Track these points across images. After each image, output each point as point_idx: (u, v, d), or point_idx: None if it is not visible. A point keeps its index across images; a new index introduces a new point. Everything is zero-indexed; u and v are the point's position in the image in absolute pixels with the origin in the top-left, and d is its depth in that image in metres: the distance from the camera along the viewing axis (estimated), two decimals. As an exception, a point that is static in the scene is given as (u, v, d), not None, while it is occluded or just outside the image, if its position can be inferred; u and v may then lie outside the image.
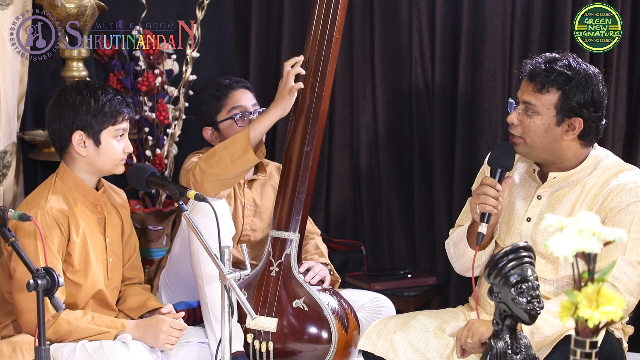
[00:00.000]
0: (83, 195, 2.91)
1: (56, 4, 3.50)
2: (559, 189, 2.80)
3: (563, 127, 2.72)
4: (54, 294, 2.31)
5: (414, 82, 4.08)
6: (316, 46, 3.19)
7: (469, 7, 3.92)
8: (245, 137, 3.09)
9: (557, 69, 2.69)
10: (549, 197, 2.81)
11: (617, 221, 2.68)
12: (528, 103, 2.73)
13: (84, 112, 2.85)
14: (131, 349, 2.81)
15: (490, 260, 2.40)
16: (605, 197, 2.72)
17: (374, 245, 4.26)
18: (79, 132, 2.86)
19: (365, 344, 2.80)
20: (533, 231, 2.80)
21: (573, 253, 1.63)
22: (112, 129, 2.88)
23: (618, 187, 2.71)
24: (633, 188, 2.71)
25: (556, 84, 2.69)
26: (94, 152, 2.88)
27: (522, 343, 2.42)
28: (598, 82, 2.73)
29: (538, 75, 2.71)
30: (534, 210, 2.82)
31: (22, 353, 2.70)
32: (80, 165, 2.91)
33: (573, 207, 2.76)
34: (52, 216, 2.80)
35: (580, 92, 2.69)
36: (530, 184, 2.89)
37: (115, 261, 3.00)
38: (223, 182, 3.14)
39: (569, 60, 2.73)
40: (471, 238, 2.85)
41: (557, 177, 2.80)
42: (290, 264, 3.18)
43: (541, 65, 2.72)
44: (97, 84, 2.93)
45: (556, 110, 2.70)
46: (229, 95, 3.49)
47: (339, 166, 4.24)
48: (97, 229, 2.94)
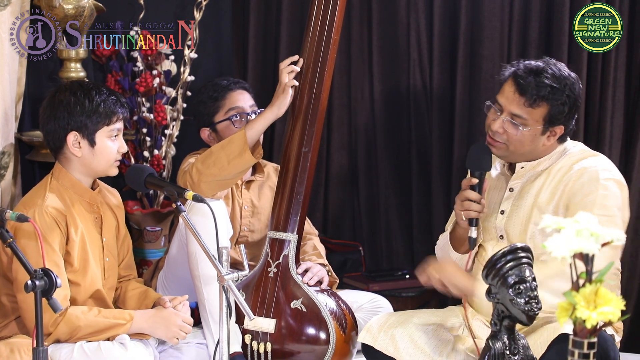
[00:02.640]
0: (79, 195, 2.91)
1: (54, 4, 3.50)
2: (529, 179, 2.85)
3: (546, 135, 2.79)
4: (52, 295, 2.31)
5: (412, 83, 4.08)
6: (314, 47, 3.19)
7: (467, 8, 3.92)
8: (242, 137, 3.09)
9: (547, 83, 2.72)
10: (520, 188, 2.84)
11: (580, 205, 2.70)
12: (517, 116, 2.75)
13: (78, 113, 2.84)
14: (129, 349, 2.81)
15: (488, 261, 2.40)
16: (568, 181, 2.77)
17: (372, 246, 4.26)
18: (73, 132, 2.85)
19: (365, 337, 2.81)
20: (506, 223, 2.84)
21: (571, 254, 1.63)
22: (107, 130, 2.87)
23: (579, 172, 2.76)
24: (594, 171, 2.75)
25: (547, 99, 2.73)
26: (89, 152, 2.88)
27: (520, 344, 2.42)
28: (579, 88, 2.81)
29: (528, 89, 2.72)
30: (507, 203, 2.87)
31: (20, 354, 2.69)
32: (75, 165, 2.90)
33: (538, 193, 2.81)
34: (50, 215, 2.80)
35: (567, 104, 2.75)
36: (501, 178, 2.94)
37: (112, 261, 3.00)
38: (220, 183, 3.14)
39: (552, 69, 2.75)
40: (454, 241, 2.90)
41: (525, 167, 2.86)
42: (288, 264, 3.18)
43: (529, 77, 2.73)
44: (91, 84, 2.93)
45: (544, 122, 2.76)
46: (226, 97, 3.49)
47: (337, 167, 4.24)
48: (94, 229, 2.94)
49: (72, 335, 2.79)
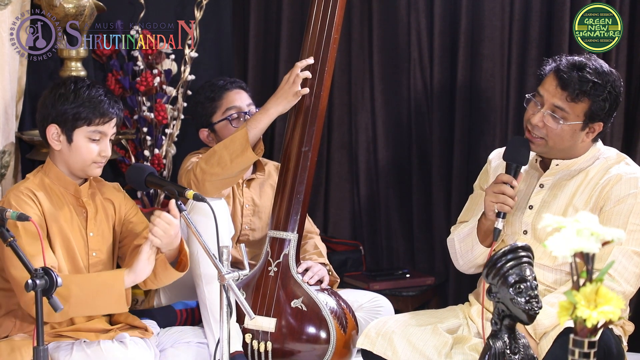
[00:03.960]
0: (64, 187, 2.87)
1: (54, 3, 3.50)
2: (561, 177, 2.85)
3: (585, 131, 2.79)
4: (53, 294, 2.31)
5: (413, 82, 4.08)
6: (314, 46, 3.19)
7: (468, 7, 3.92)
8: (244, 136, 3.09)
9: (590, 78, 2.72)
10: (551, 186, 2.83)
11: (615, 212, 2.72)
12: (560, 108, 2.74)
13: (60, 106, 2.80)
14: (129, 348, 2.80)
15: (488, 260, 2.40)
16: (604, 185, 2.78)
17: (373, 245, 4.26)
18: (54, 125, 2.82)
19: (364, 342, 2.81)
20: (534, 219, 2.83)
21: (571, 253, 1.63)
22: (87, 129, 2.81)
23: (616, 177, 2.77)
24: (632, 178, 2.75)
25: (588, 95, 2.73)
26: (67, 148, 2.83)
27: (520, 343, 2.42)
28: (620, 86, 2.80)
29: (571, 83, 2.73)
30: (536, 198, 2.86)
31: (21, 353, 2.69)
32: (58, 159, 2.87)
33: (574, 195, 2.80)
34: (26, 194, 2.77)
35: (609, 100, 2.75)
36: (532, 173, 2.92)
37: (100, 256, 2.91)
38: (224, 182, 3.14)
39: (595, 64, 2.76)
40: (481, 234, 2.87)
41: (560, 165, 2.85)
42: (289, 263, 3.18)
43: (572, 72, 2.74)
44: (88, 82, 2.87)
45: (585, 117, 2.76)
46: (223, 96, 3.49)
47: (337, 166, 4.24)
48: (79, 223, 2.88)
49: (66, 298, 2.63)
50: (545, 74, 2.82)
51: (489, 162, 3.07)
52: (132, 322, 2.99)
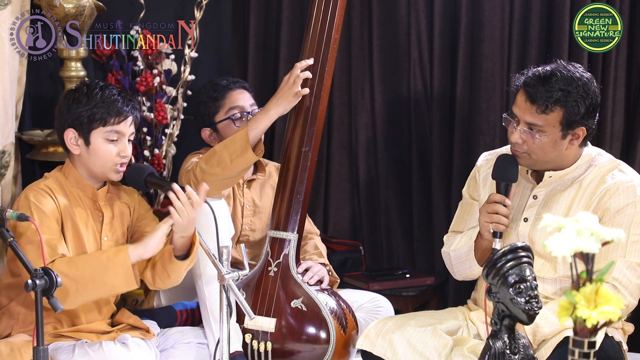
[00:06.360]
0: (82, 190, 2.88)
1: (54, 3, 3.50)
2: (555, 188, 2.82)
3: (568, 139, 2.76)
4: (53, 294, 2.31)
5: (413, 82, 4.08)
6: (314, 46, 3.19)
7: (468, 7, 3.92)
8: (244, 136, 3.09)
9: (557, 87, 2.69)
10: (545, 197, 2.82)
11: (615, 222, 2.70)
12: (532, 124, 2.73)
13: (75, 110, 2.82)
14: (131, 349, 2.80)
15: (488, 261, 2.40)
16: (602, 195, 2.75)
17: (373, 245, 4.26)
18: (71, 129, 2.83)
19: (364, 343, 2.81)
20: (531, 231, 2.81)
21: (571, 253, 1.63)
22: (103, 130, 2.82)
23: (614, 186, 2.74)
24: (630, 187, 2.73)
25: (559, 103, 2.69)
26: (85, 152, 2.84)
27: (520, 343, 2.42)
28: (594, 87, 2.76)
29: (538, 96, 2.70)
30: (530, 211, 2.84)
31: (20, 353, 2.69)
32: (78, 163, 2.89)
33: (570, 205, 2.78)
34: (46, 190, 2.79)
35: (582, 104, 2.71)
36: (524, 185, 2.90)
37: None
38: (224, 182, 3.15)
39: (563, 72, 2.73)
40: (478, 253, 2.88)
41: (553, 176, 2.82)
42: (289, 264, 3.18)
43: (538, 84, 2.71)
44: (102, 84, 2.88)
45: (561, 126, 2.72)
46: (226, 96, 3.49)
47: (337, 166, 4.24)
48: (95, 226, 2.90)
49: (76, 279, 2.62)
50: (516, 89, 2.80)
51: (477, 170, 3.04)
52: (133, 323, 2.99)
